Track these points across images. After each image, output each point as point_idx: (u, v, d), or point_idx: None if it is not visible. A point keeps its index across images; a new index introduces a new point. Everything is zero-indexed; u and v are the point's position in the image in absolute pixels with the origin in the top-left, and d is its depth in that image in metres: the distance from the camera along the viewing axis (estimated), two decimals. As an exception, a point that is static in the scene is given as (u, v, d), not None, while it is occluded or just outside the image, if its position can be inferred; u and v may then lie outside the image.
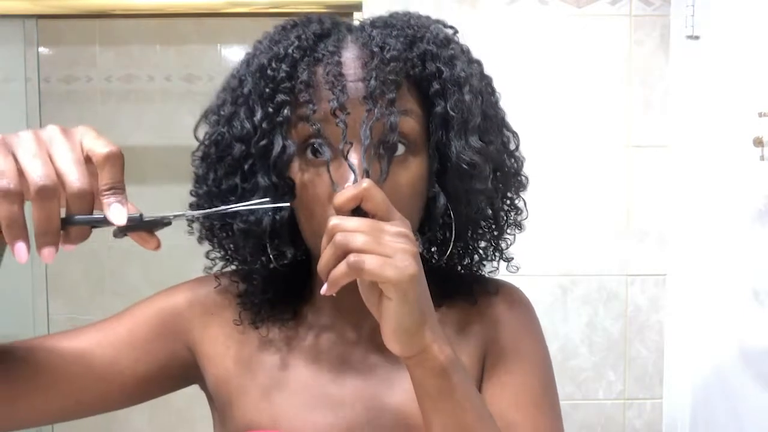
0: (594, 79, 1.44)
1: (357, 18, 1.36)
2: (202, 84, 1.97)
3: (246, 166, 0.63)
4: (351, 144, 0.59)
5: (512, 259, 0.74)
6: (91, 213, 0.48)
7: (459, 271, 0.73)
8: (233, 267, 0.71)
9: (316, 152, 0.61)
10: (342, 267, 0.52)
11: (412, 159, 0.63)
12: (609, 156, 1.45)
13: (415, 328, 0.54)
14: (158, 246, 0.53)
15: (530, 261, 0.74)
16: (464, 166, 0.63)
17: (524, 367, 0.69)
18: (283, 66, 0.61)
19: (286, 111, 0.61)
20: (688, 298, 1.41)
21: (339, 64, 0.60)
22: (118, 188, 0.48)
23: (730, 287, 1.27)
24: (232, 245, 0.68)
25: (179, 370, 0.70)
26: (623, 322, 1.47)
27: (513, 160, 0.70)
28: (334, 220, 0.53)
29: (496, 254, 0.73)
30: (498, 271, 0.74)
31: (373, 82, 0.59)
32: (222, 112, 0.65)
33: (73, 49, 1.98)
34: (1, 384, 0.62)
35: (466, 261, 0.72)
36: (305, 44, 0.62)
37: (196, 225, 0.69)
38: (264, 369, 0.69)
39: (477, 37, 1.37)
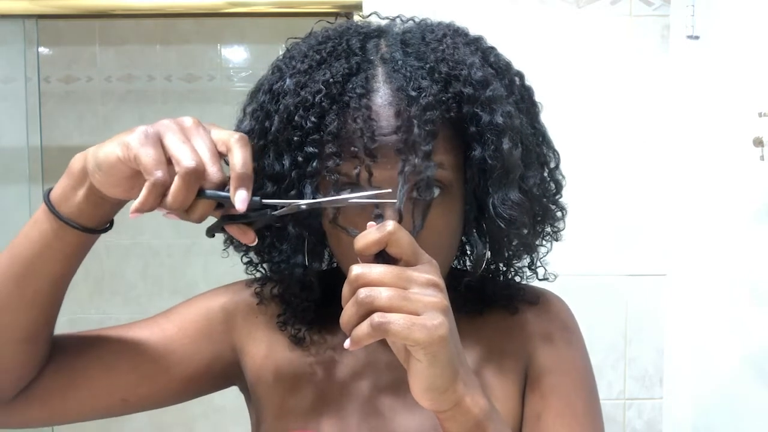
0: (593, 79, 1.44)
1: (358, 15, 1.35)
2: (202, 84, 1.97)
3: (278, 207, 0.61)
4: (379, 188, 0.56)
5: (546, 278, 0.72)
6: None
7: (497, 279, 0.70)
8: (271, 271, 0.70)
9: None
10: (365, 327, 0.47)
11: (447, 203, 0.60)
12: (608, 156, 1.45)
13: (446, 386, 0.50)
14: (254, 240, 0.55)
15: (543, 262, 0.74)
16: (502, 222, 0.60)
17: (567, 383, 0.67)
18: (311, 117, 0.58)
19: (315, 163, 0.58)
20: (688, 298, 1.41)
21: (369, 110, 0.57)
22: (248, 176, 0.51)
23: (730, 287, 1.26)
24: (269, 254, 0.66)
25: (222, 370, 0.70)
26: (623, 322, 1.47)
27: (552, 183, 0.68)
28: (357, 270, 0.49)
29: (533, 265, 0.71)
30: (535, 276, 0.72)
31: (407, 135, 0.55)
32: (251, 143, 0.62)
33: (73, 49, 1.98)
34: (53, 374, 0.63)
35: (503, 271, 0.70)
36: (333, 90, 0.58)
37: (231, 241, 0.68)
38: (300, 388, 0.67)
39: (477, 37, 1.37)
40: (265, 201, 0.53)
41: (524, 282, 0.73)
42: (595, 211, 1.44)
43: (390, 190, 0.54)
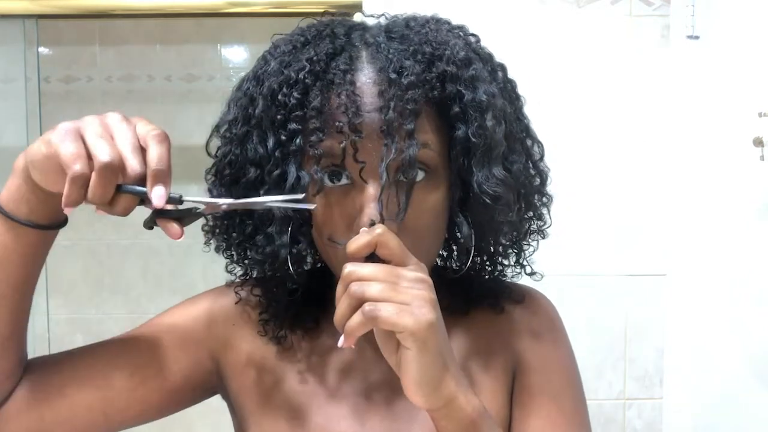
0: (593, 79, 1.44)
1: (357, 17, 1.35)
2: (202, 84, 1.97)
3: (261, 191, 0.61)
4: (366, 182, 0.57)
5: (534, 273, 0.72)
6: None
7: (483, 278, 0.70)
8: (252, 276, 0.70)
9: (333, 178, 0.59)
10: (357, 317, 0.50)
11: (432, 185, 0.60)
12: (608, 156, 1.45)
13: (437, 378, 0.52)
14: (180, 235, 0.55)
15: (530, 261, 0.74)
16: (487, 198, 0.60)
17: (555, 385, 0.68)
18: (294, 93, 0.58)
19: (298, 140, 0.59)
20: (688, 298, 1.41)
21: (353, 85, 0.57)
22: (163, 173, 0.51)
23: (731, 287, 1.27)
24: (249, 252, 0.66)
25: (203, 381, 0.69)
26: (623, 322, 1.47)
27: (537, 175, 0.68)
28: (349, 268, 0.52)
29: (519, 262, 0.71)
30: (521, 275, 0.72)
31: (390, 113, 0.56)
32: (234, 131, 0.63)
33: (73, 49, 1.98)
34: (29, 394, 0.62)
35: (489, 269, 0.70)
36: (317, 68, 0.59)
37: (213, 233, 0.68)
38: (285, 391, 0.67)
39: (477, 37, 1.37)
40: (186, 198, 0.54)
41: (511, 280, 0.73)
42: (594, 211, 1.44)
43: (302, 196, 0.56)
